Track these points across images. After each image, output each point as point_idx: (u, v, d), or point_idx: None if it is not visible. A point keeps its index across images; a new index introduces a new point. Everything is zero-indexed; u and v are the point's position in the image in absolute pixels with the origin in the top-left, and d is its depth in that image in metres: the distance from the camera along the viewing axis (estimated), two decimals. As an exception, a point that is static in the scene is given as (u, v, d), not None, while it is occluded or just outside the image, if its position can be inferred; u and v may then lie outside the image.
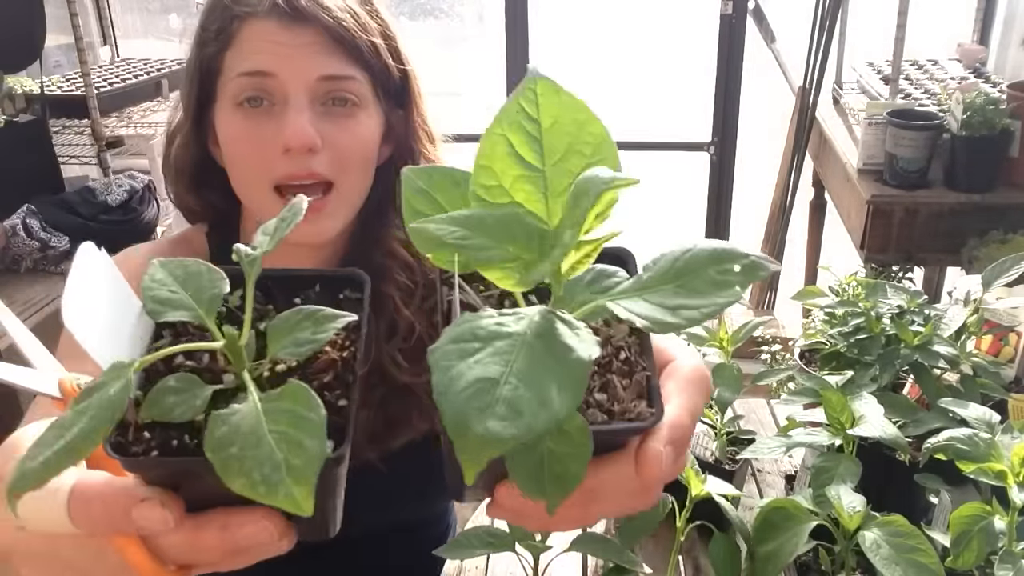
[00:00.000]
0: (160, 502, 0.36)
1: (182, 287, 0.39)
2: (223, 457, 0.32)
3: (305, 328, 0.37)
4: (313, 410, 0.33)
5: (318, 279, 0.44)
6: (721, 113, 2.84)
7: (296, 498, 0.31)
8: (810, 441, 0.87)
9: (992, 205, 1.98)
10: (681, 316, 0.32)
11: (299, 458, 0.32)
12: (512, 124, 0.35)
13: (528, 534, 0.86)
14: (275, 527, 0.37)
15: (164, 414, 0.35)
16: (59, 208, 2.40)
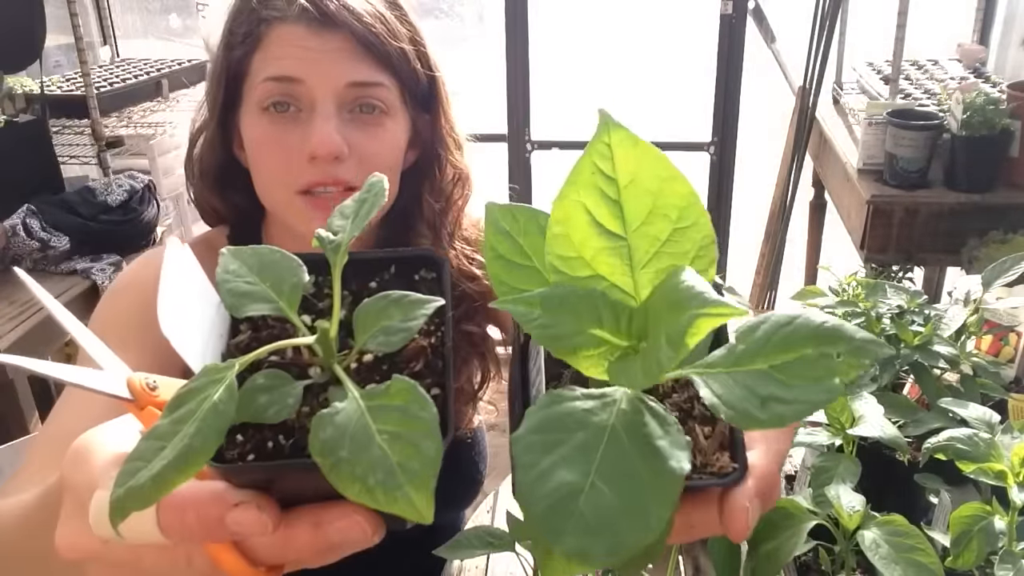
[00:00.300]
0: (256, 505, 0.35)
1: (259, 278, 0.37)
2: (332, 461, 0.30)
3: (393, 316, 0.35)
4: (424, 408, 0.31)
5: (392, 261, 0.41)
6: (721, 113, 2.84)
7: (416, 505, 0.29)
8: (810, 441, 0.87)
9: (992, 205, 1.98)
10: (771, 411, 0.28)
11: (415, 461, 0.30)
12: (588, 187, 0.32)
13: (528, 533, 0.86)
14: (367, 521, 0.36)
15: (257, 415, 0.33)
16: (59, 208, 2.40)
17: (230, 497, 0.35)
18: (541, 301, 0.31)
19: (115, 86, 2.94)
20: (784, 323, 0.30)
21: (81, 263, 2.36)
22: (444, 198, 0.94)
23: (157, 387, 0.40)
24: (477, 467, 1.06)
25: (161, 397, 0.40)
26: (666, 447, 0.27)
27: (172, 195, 2.90)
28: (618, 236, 0.32)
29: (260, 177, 0.87)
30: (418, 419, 0.31)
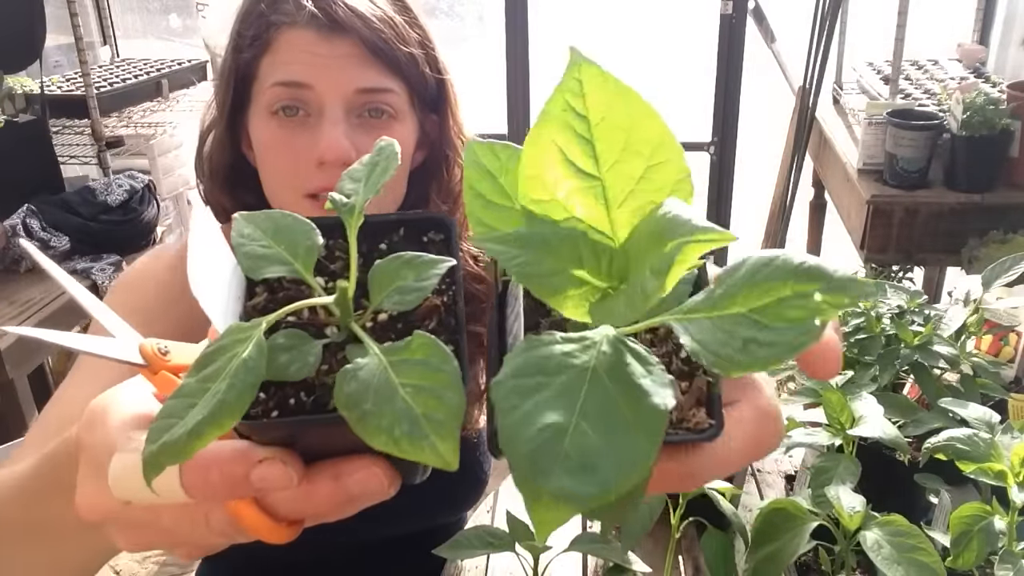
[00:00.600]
0: (281, 460, 0.35)
1: (274, 241, 0.37)
2: (358, 414, 0.31)
3: (406, 276, 0.36)
4: (446, 362, 0.32)
5: (402, 223, 0.42)
6: (721, 113, 2.84)
7: (441, 452, 0.30)
8: (810, 441, 0.87)
9: (992, 205, 1.98)
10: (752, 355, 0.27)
11: (439, 411, 0.30)
12: (559, 125, 0.31)
13: (528, 534, 0.86)
14: (384, 473, 0.37)
15: (279, 373, 0.34)
16: (59, 208, 2.40)
17: (254, 454, 0.35)
18: (521, 240, 0.31)
19: (115, 86, 2.94)
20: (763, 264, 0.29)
21: (81, 263, 2.36)
22: (452, 199, 0.95)
23: (169, 352, 0.41)
24: (482, 467, 1.06)
25: (173, 362, 0.41)
26: (649, 385, 0.27)
27: (172, 195, 2.90)
28: (592, 176, 0.31)
29: (268, 180, 0.87)
30: (440, 371, 0.31)
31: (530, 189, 0.32)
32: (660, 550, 1.10)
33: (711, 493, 0.89)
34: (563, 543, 0.86)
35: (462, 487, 1.05)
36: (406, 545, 1.07)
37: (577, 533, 0.88)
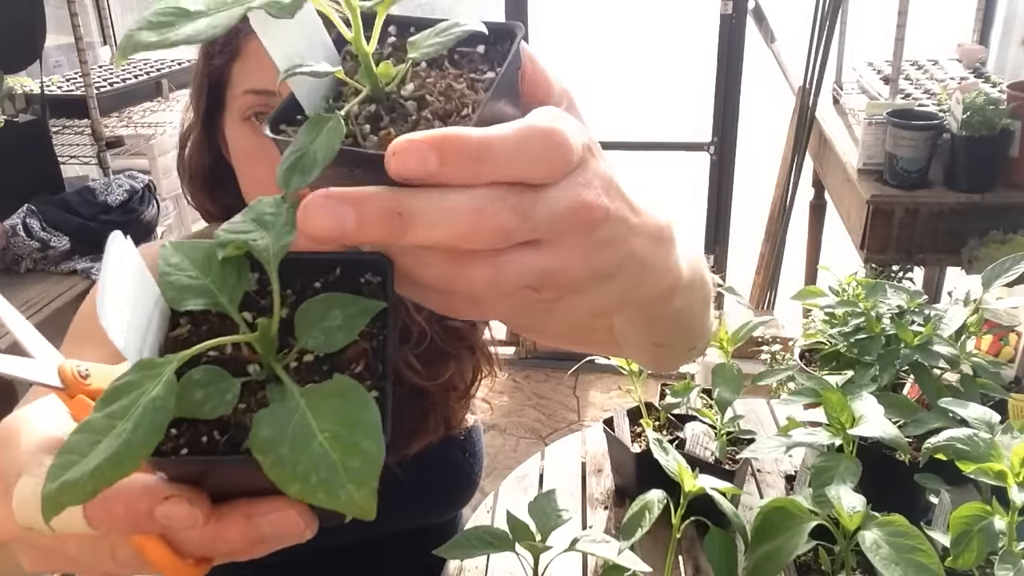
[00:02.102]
0: (187, 499, 0.34)
1: (201, 272, 0.37)
2: (273, 459, 0.31)
3: (335, 317, 0.36)
4: (366, 408, 0.31)
5: (339, 263, 0.41)
6: (721, 113, 2.85)
7: (358, 502, 0.30)
8: (810, 441, 0.87)
9: (992, 205, 1.98)
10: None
11: (357, 460, 0.30)
12: None
13: (528, 533, 0.86)
14: (300, 516, 0.36)
15: (194, 410, 0.33)
16: (59, 208, 2.40)
17: (160, 490, 0.34)
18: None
19: (115, 86, 2.94)
20: None
21: (81, 263, 2.36)
22: None
23: (89, 375, 0.40)
24: (472, 467, 1.06)
25: (94, 385, 0.40)
26: None
27: (172, 195, 2.90)
28: None
29: (246, 185, 0.87)
30: (360, 419, 0.31)
31: None
32: (660, 550, 1.10)
33: (712, 493, 0.89)
34: (563, 543, 0.86)
35: (455, 486, 1.05)
36: (402, 543, 1.07)
37: (577, 533, 0.88)
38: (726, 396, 1.09)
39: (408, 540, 1.06)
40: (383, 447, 0.31)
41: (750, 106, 2.90)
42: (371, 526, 1.03)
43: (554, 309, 0.38)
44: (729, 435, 1.14)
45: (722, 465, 1.10)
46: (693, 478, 0.91)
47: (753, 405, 1.43)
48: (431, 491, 1.03)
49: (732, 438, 1.15)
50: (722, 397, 1.10)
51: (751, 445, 0.91)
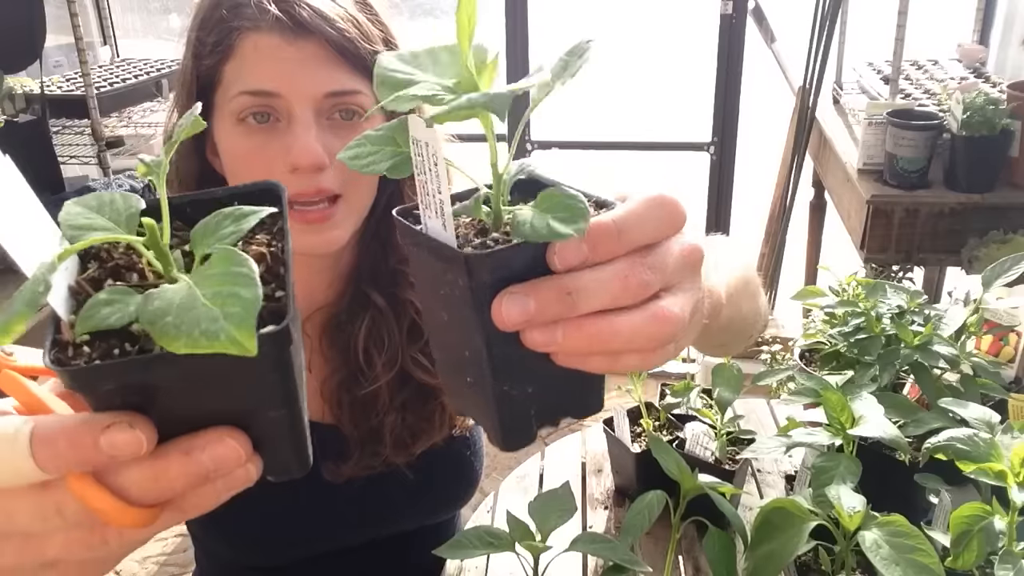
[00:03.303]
0: (128, 423, 0.35)
1: (98, 213, 0.39)
2: (161, 326, 0.33)
3: (226, 226, 0.38)
4: (243, 265, 0.34)
5: (235, 196, 0.44)
6: (721, 113, 2.84)
7: (239, 339, 0.32)
8: (810, 441, 0.87)
9: (992, 205, 1.98)
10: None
11: (235, 306, 0.33)
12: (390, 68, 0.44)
13: (528, 533, 0.86)
14: (240, 446, 0.37)
15: (99, 324, 0.35)
16: (59, 208, 2.39)
17: (101, 420, 0.35)
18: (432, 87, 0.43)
19: (115, 86, 2.94)
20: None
21: (81, 263, 2.36)
22: None
23: (13, 354, 0.42)
24: (473, 466, 1.06)
25: (19, 364, 0.41)
26: None
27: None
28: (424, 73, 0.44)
29: None
30: (237, 274, 0.34)
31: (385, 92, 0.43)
32: (660, 550, 1.10)
33: (711, 493, 0.89)
34: (563, 543, 0.86)
35: (457, 485, 1.05)
36: (403, 543, 1.07)
37: (577, 533, 0.88)
38: (726, 396, 1.09)
39: (408, 540, 1.06)
40: (259, 293, 0.33)
41: (750, 106, 2.90)
42: (373, 527, 1.03)
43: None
44: (729, 435, 1.14)
45: (722, 465, 1.10)
46: (693, 478, 0.90)
47: (753, 405, 1.43)
48: (433, 490, 1.03)
49: (732, 438, 1.15)
50: (722, 397, 1.09)
51: (751, 445, 0.91)
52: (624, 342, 0.41)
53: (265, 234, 0.42)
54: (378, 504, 1.00)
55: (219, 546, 1.02)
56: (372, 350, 0.92)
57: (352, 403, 0.93)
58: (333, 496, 0.96)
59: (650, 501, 0.89)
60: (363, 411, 0.93)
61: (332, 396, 0.94)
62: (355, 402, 0.93)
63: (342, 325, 0.94)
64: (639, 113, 4.84)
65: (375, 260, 0.94)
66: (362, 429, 0.94)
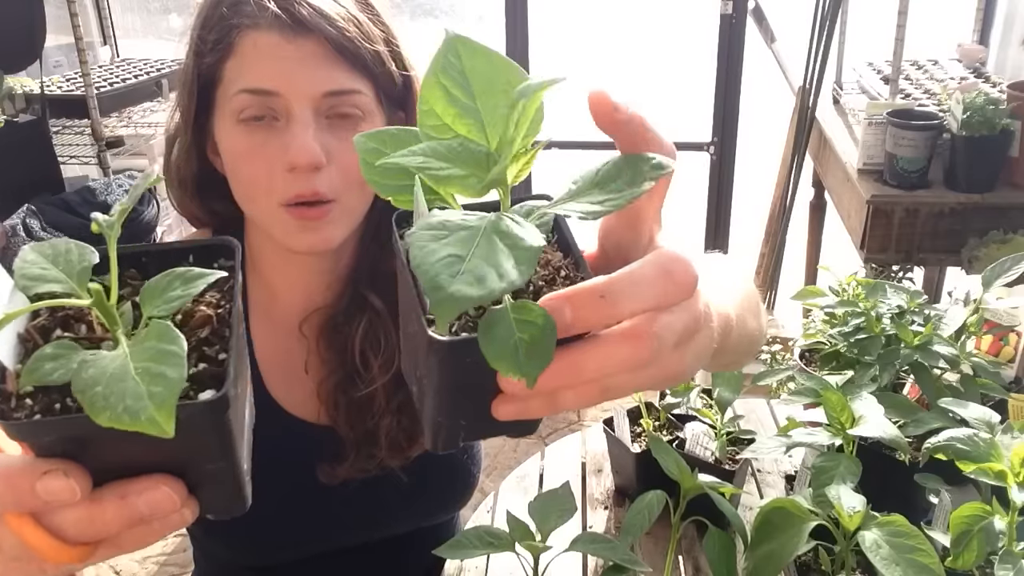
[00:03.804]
0: (63, 471, 0.36)
1: (52, 264, 0.40)
2: (90, 396, 0.34)
3: (175, 287, 0.39)
4: (174, 343, 0.35)
5: (191, 251, 0.45)
6: (721, 113, 2.84)
7: (158, 421, 0.33)
8: (810, 441, 0.87)
9: (992, 205, 1.98)
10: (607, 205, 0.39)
11: (159, 386, 0.34)
12: (443, 73, 0.41)
13: (528, 533, 0.86)
14: (175, 493, 0.38)
15: (42, 378, 0.36)
16: (59, 208, 2.40)
17: (39, 466, 0.36)
18: (421, 151, 0.40)
19: (115, 86, 2.94)
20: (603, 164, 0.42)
21: (81, 263, 2.36)
22: None
23: None
24: (469, 470, 1.06)
25: None
26: (523, 234, 0.36)
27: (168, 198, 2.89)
28: (470, 105, 0.41)
29: (240, 188, 0.86)
30: (167, 352, 0.35)
31: (426, 119, 0.42)
32: (660, 550, 1.10)
33: (711, 493, 0.89)
34: (563, 543, 0.86)
35: (454, 488, 1.05)
36: (402, 544, 1.07)
37: (577, 533, 0.88)
38: (726, 396, 1.09)
39: (407, 540, 1.06)
40: (183, 373, 0.34)
41: (750, 106, 2.90)
42: (368, 529, 1.03)
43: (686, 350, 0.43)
44: (729, 435, 1.14)
45: (722, 465, 1.10)
46: (693, 478, 0.90)
47: (753, 405, 1.43)
48: (430, 493, 1.03)
49: (732, 438, 1.15)
50: (722, 397, 1.09)
51: (751, 445, 0.91)
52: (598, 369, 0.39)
53: (216, 292, 0.43)
54: (373, 507, 0.99)
55: (217, 547, 1.02)
56: (368, 352, 0.92)
57: (348, 405, 0.93)
58: (328, 498, 0.96)
59: (650, 501, 0.89)
60: (359, 413, 0.93)
61: (328, 397, 0.94)
62: (351, 404, 0.93)
63: (339, 327, 0.94)
64: (639, 113, 4.83)
65: (374, 262, 0.94)
66: (358, 431, 0.93)
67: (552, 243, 0.46)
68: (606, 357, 0.39)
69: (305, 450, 0.94)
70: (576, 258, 0.45)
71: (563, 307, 0.37)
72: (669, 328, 0.40)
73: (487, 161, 0.41)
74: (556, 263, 0.45)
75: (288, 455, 0.92)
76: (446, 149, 0.40)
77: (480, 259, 0.35)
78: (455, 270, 0.34)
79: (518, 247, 0.36)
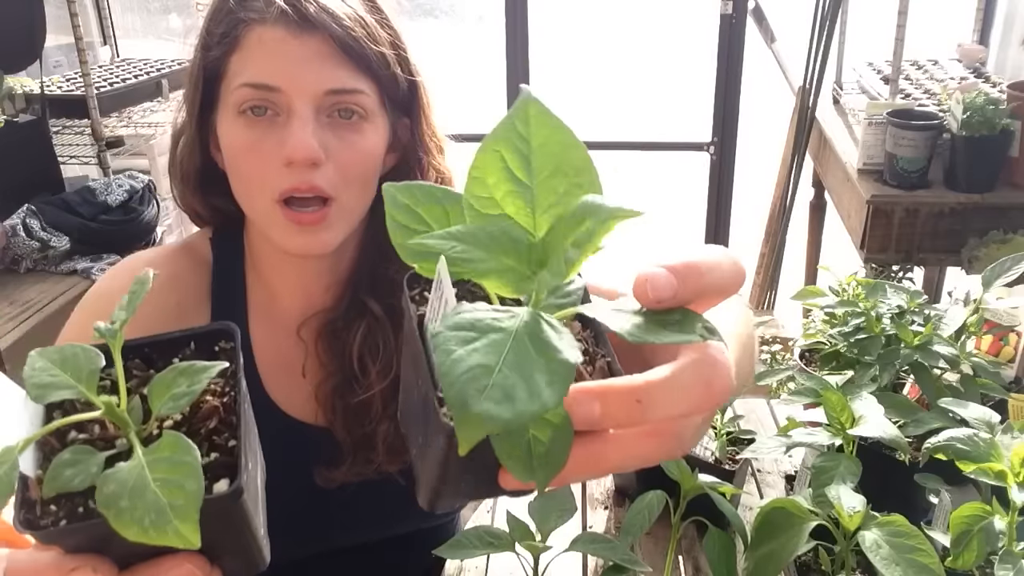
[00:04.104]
0: (92, 568, 0.38)
1: (61, 369, 0.41)
2: (115, 512, 0.35)
3: (180, 383, 0.40)
4: (188, 453, 0.37)
5: (191, 338, 0.47)
6: (721, 113, 2.84)
7: (183, 534, 0.35)
8: (810, 441, 0.87)
9: (992, 205, 1.98)
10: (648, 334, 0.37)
11: (180, 498, 0.35)
12: (506, 141, 0.38)
13: (528, 533, 0.86)
14: (199, 570, 0.40)
15: (64, 486, 0.38)
16: (59, 208, 2.40)
17: (67, 563, 0.38)
18: (460, 236, 0.37)
19: (115, 86, 2.94)
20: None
21: (81, 263, 2.36)
22: None
23: None
24: None
25: None
26: (560, 344, 0.33)
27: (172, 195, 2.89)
28: (525, 184, 0.38)
29: (238, 182, 0.86)
30: (183, 463, 0.36)
31: (474, 187, 0.39)
32: (660, 550, 1.10)
33: (711, 493, 0.89)
34: (563, 543, 0.86)
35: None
36: (402, 544, 1.07)
37: (577, 533, 0.88)
38: (726, 396, 1.09)
39: (407, 540, 1.06)
40: (202, 484, 0.36)
41: (750, 106, 2.90)
42: (367, 530, 1.03)
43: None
44: (729, 435, 1.14)
45: (722, 465, 1.10)
46: (693, 478, 0.90)
47: (753, 405, 1.43)
48: None
49: (732, 438, 1.15)
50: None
51: (751, 445, 0.91)
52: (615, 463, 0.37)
53: (219, 379, 0.44)
54: (371, 509, 0.99)
55: None
56: (367, 358, 0.92)
57: (345, 409, 0.93)
58: (326, 500, 0.96)
59: (650, 501, 0.89)
60: (356, 417, 0.93)
61: (326, 401, 0.94)
62: (348, 408, 0.93)
63: (338, 332, 0.94)
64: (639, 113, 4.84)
65: (374, 268, 0.94)
66: (355, 435, 0.93)
67: None
68: (627, 453, 0.37)
69: (303, 451, 0.94)
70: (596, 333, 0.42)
71: (592, 403, 0.35)
72: (692, 426, 0.39)
73: (529, 254, 0.38)
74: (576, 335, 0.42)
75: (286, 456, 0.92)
76: (487, 237, 0.37)
77: (511, 370, 0.32)
78: (482, 385, 0.31)
79: (554, 361, 0.32)
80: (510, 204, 0.38)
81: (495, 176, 0.38)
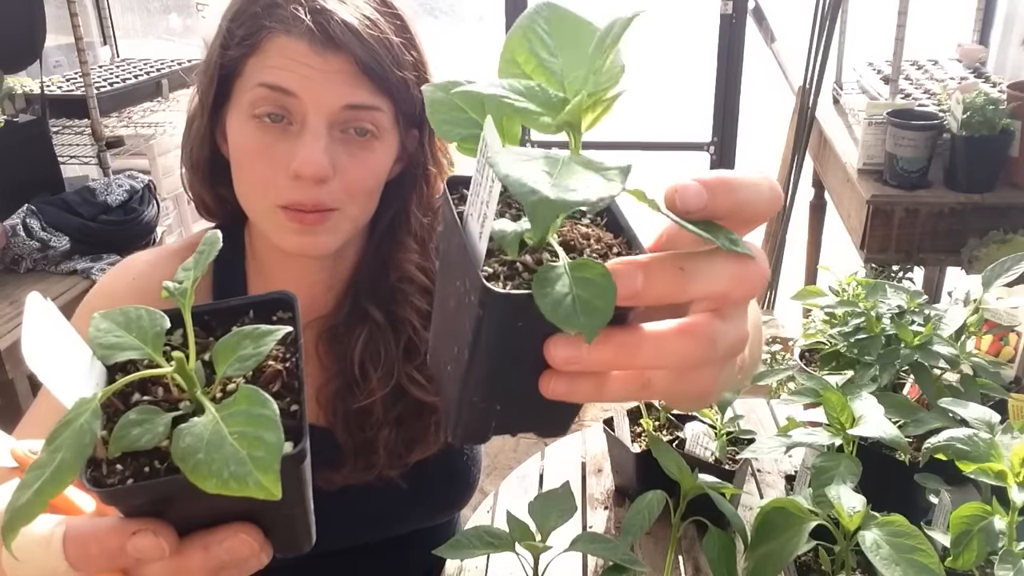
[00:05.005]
0: (152, 531, 0.38)
1: (126, 331, 0.42)
2: (192, 464, 0.35)
3: (246, 346, 0.41)
4: (265, 406, 0.36)
5: (251, 306, 0.47)
6: (721, 113, 2.84)
7: (265, 485, 0.34)
8: (810, 441, 0.87)
9: (992, 205, 1.98)
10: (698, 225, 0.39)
11: (260, 450, 0.35)
12: (529, 28, 0.44)
13: (528, 533, 0.86)
14: (253, 540, 0.40)
15: (130, 444, 0.38)
16: (59, 208, 2.40)
17: (128, 527, 0.39)
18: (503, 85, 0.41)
19: (115, 86, 2.94)
20: None
21: (81, 263, 2.36)
22: (432, 211, 0.94)
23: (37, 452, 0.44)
24: (469, 472, 1.06)
25: None
26: (605, 160, 0.36)
27: (172, 195, 2.90)
28: (551, 60, 0.44)
29: (241, 183, 0.86)
30: (261, 416, 0.36)
31: (507, 67, 0.44)
32: (660, 550, 1.10)
33: (711, 493, 0.89)
34: (563, 543, 0.86)
35: (451, 492, 1.05)
36: (402, 544, 1.07)
37: (577, 533, 0.88)
38: (726, 396, 1.09)
39: (407, 540, 1.06)
40: (282, 437, 0.36)
41: (750, 106, 2.90)
42: (367, 531, 1.03)
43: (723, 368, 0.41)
44: (729, 435, 1.14)
45: (722, 465, 1.10)
46: (693, 478, 0.90)
47: (753, 405, 1.43)
48: (430, 497, 1.02)
49: (732, 438, 1.15)
50: (722, 397, 1.09)
51: (751, 445, 0.91)
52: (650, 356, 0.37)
53: (279, 345, 0.45)
54: (371, 511, 0.99)
55: None
56: (368, 364, 0.92)
57: (346, 413, 0.93)
58: (326, 501, 0.96)
59: (650, 501, 0.89)
60: (357, 422, 0.93)
61: (327, 403, 0.94)
62: (349, 412, 0.93)
63: (339, 336, 0.94)
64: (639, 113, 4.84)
65: (375, 277, 0.94)
66: (356, 439, 0.93)
67: (601, 224, 0.45)
68: (661, 346, 0.37)
69: None
70: (629, 238, 0.43)
71: (635, 273, 0.35)
72: (723, 335, 0.38)
73: (562, 105, 0.40)
74: (608, 240, 0.43)
75: None
76: (525, 88, 0.41)
77: (568, 177, 0.35)
78: (548, 179, 0.34)
79: (604, 168, 0.36)
80: (540, 75, 0.43)
81: (523, 55, 0.43)
